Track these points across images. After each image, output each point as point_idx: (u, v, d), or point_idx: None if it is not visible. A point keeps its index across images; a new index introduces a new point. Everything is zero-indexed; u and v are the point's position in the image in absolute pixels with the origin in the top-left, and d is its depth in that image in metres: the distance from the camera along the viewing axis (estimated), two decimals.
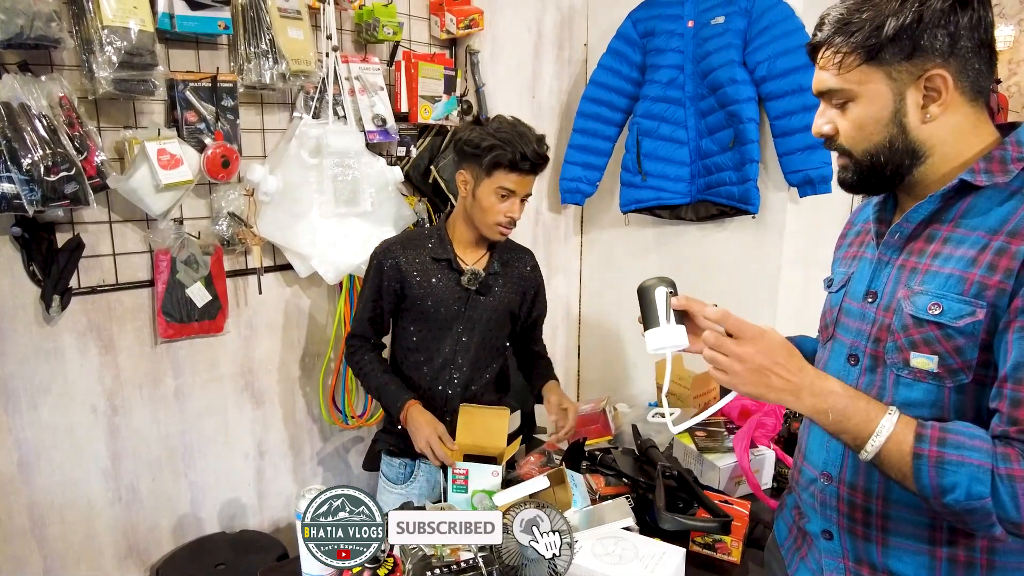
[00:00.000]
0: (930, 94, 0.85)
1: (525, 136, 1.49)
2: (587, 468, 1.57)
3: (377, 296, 1.62)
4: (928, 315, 0.84)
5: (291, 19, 1.67)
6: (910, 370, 0.87)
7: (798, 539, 1.07)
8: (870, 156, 0.90)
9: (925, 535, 0.89)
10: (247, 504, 2.06)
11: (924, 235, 0.89)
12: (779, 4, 1.97)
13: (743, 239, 2.19)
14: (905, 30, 0.83)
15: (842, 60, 0.87)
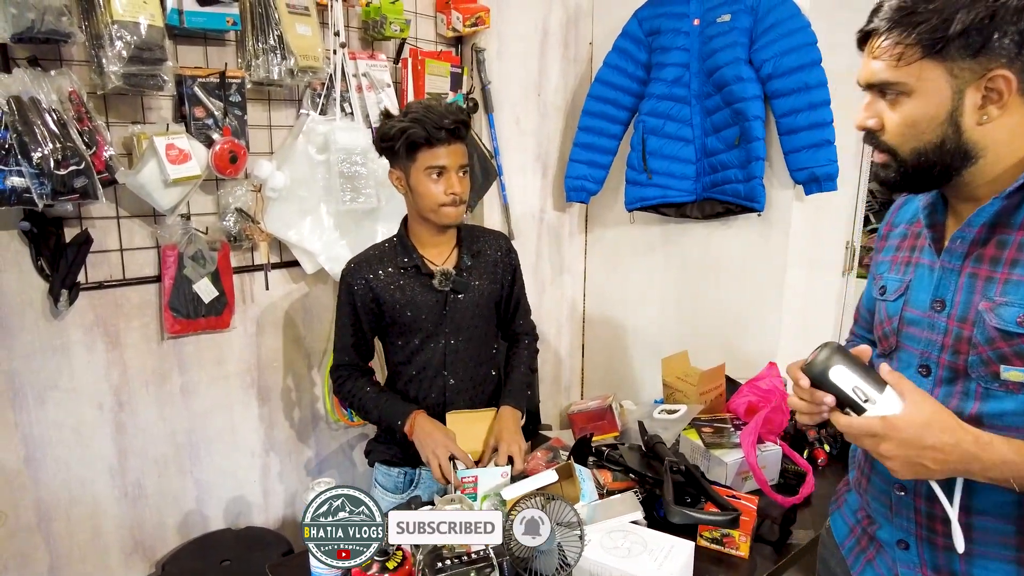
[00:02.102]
0: (990, 95, 0.81)
1: (433, 108, 1.42)
2: (594, 464, 1.56)
3: (354, 319, 1.56)
4: (1019, 328, 0.81)
5: (299, 15, 1.68)
6: (1001, 383, 0.84)
7: (862, 540, 1.06)
8: (919, 155, 0.86)
9: (1012, 542, 0.87)
10: (252, 501, 2.06)
11: (993, 241, 0.86)
12: (785, 2, 1.97)
13: (749, 237, 2.19)
14: (975, 26, 0.78)
15: (903, 52, 0.82)
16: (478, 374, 1.62)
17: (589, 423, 1.76)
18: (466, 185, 1.49)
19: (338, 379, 1.62)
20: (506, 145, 2.35)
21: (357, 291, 1.53)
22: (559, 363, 2.77)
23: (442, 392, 1.57)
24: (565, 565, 1.07)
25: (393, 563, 1.16)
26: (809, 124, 1.94)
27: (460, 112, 1.45)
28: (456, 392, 1.58)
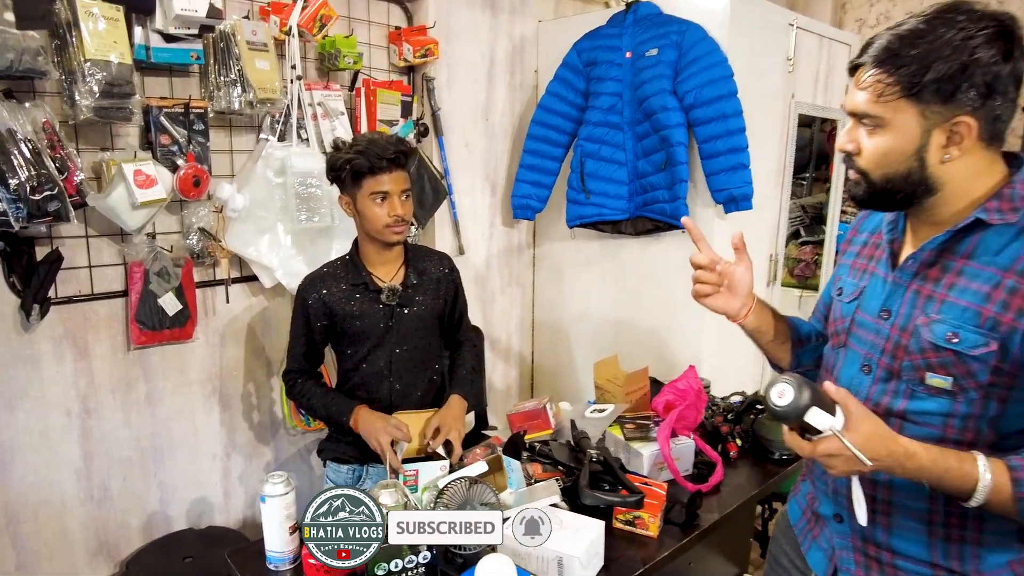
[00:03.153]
0: (953, 137, 0.90)
1: (376, 141, 1.58)
2: (527, 458, 1.73)
3: (307, 330, 1.70)
4: (946, 344, 0.92)
5: (258, 51, 1.83)
6: (925, 387, 0.95)
7: (811, 521, 1.20)
8: (887, 181, 0.95)
9: (924, 517, 0.99)
10: (214, 502, 2.18)
11: (938, 265, 0.96)
12: (705, 39, 2.18)
13: (676, 251, 2.40)
14: (948, 76, 0.87)
15: (884, 89, 0.91)
16: (422, 380, 1.78)
17: (525, 422, 1.92)
18: (408, 208, 1.65)
19: (290, 382, 1.76)
20: (456, 166, 2.53)
21: (311, 305, 1.68)
22: (509, 370, 2.94)
23: (388, 396, 1.73)
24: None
25: None
26: (727, 149, 2.16)
27: (401, 143, 1.62)
28: (401, 396, 1.74)
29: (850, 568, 1.09)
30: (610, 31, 2.36)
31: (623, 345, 2.47)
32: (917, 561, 1.02)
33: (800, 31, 2.53)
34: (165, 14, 1.71)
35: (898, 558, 1.03)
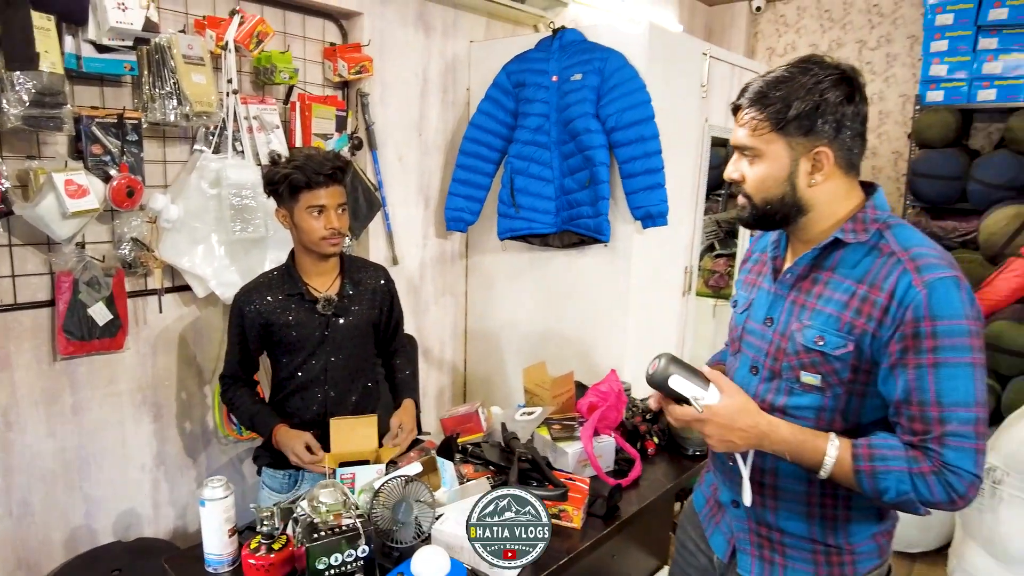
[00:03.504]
0: (816, 164, 1.07)
1: (313, 156, 1.65)
2: (459, 459, 1.82)
3: (242, 340, 1.76)
4: (815, 346, 1.08)
5: (195, 65, 1.86)
6: (800, 384, 1.11)
7: (714, 509, 1.33)
8: (766, 204, 1.11)
9: (804, 499, 1.15)
10: (143, 514, 2.15)
11: (809, 277, 1.12)
12: (626, 67, 2.35)
13: (600, 263, 2.55)
14: (805, 113, 1.04)
15: (756, 125, 1.08)
16: (356, 387, 1.84)
17: (458, 426, 2.02)
18: (344, 221, 1.71)
19: (224, 386, 1.84)
20: (389, 179, 2.60)
21: (247, 314, 1.73)
22: (443, 375, 3.02)
23: (323, 403, 1.79)
24: (421, 533, 1.33)
25: (278, 544, 1.36)
26: (644, 170, 2.33)
27: (337, 159, 1.69)
28: (336, 403, 1.80)
29: (746, 548, 1.23)
30: (538, 55, 2.50)
31: (551, 351, 2.60)
32: (800, 538, 1.17)
33: (713, 60, 2.75)
34: (99, 25, 1.71)
35: (785, 536, 1.19)
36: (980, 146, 3.77)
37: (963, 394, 0.99)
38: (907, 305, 1.00)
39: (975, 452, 0.99)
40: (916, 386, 1.00)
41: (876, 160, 4.17)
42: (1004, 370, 2.91)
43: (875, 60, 4.12)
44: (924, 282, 0.99)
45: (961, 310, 0.99)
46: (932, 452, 0.99)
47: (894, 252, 1.04)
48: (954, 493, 0.98)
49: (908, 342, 1.00)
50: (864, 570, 1.16)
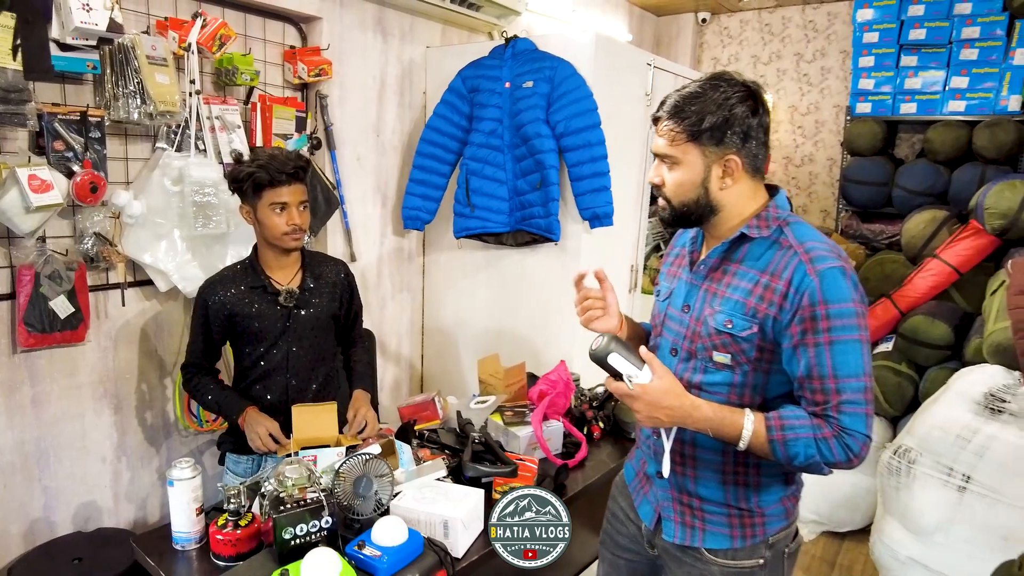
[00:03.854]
0: (726, 170, 1.20)
1: (276, 156, 1.72)
2: (416, 444, 1.93)
3: (206, 330, 1.83)
4: (724, 328, 1.21)
5: (158, 66, 1.91)
6: (713, 363, 1.24)
7: (642, 481, 1.45)
8: (684, 205, 1.23)
9: (719, 468, 1.27)
10: (103, 506, 2.18)
11: (720, 268, 1.25)
12: (574, 76, 2.49)
13: (551, 261, 2.68)
14: (716, 125, 1.16)
15: (674, 136, 1.20)
16: (317, 376, 1.92)
17: (415, 414, 2.12)
18: (306, 217, 1.80)
19: (187, 376, 1.88)
20: (347, 178, 2.68)
21: (211, 306, 1.80)
22: (400, 370, 3.11)
23: (285, 391, 1.87)
24: (380, 506, 1.43)
25: (245, 521, 1.45)
26: (591, 173, 2.47)
27: (299, 159, 1.77)
28: (297, 391, 1.88)
29: (670, 515, 1.37)
30: (491, 62, 2.62)
31: (504, 345, 2.72)
32: (716, 503, 1.31)
33: (657, 70, 2.92)
34: (63, 24, 1.76)
35: (704, 503, 1.32)
36: (904, 155, 4.05)
37: (854, 367, 1.13)
38: (803, 292, 1.14)
39: (865, 416, 1.13)
40: (816, 362, 1.13)
41: (813, 166, 4.43)
42: (921, 361, 3.16)
43: (811, 72, 4.37)
44: (816, 271, 1.13)
45: (848, 295, 1.13)
46: (832, 419, 1.13)
47: (792, 246, 1.18)
48: (851, 453, 1.13)
49: (806, 324, 1.14)
50: (773, 530, 1.30)
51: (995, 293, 2.81)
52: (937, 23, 3.52)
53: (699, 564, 1.32)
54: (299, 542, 1.33)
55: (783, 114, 4.48)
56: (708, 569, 1.31)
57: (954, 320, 3.09)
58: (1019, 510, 2.34)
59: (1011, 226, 2.89)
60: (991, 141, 3.41)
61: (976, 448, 2.51)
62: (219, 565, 1.42)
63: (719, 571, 1.31)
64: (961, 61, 3.51)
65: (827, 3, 4.23)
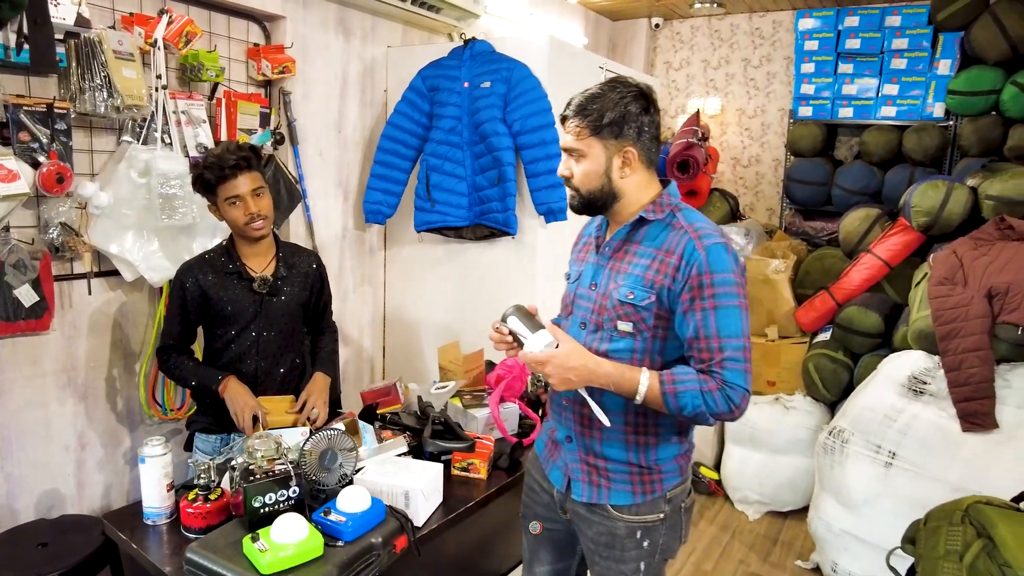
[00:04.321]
0: (625, 161, 1.36)
1: (219, 154, 1.79)
2: (379, 426, 2.02)
3: (183, 311, 1.89)
4: (627, 299, 1.36)
5: (125, 60, 1.96)
6: (618, 332, 1.38)
7: (551, 448, 1.59)
8: (590, 194, 1.39)
9: (622, 429, 1.41)
10: (66, 493, 2.21)
11: (623, 249, 1.41)
12: (529, 77, 2.61)
13: (508, 254, 2.80)
14: (615, 121, 1.33)
15: (579, 131, 1.35)
16: (285, 360, 2.00)
17: (378, 398, 2.21)
18: (263, 203, 1.84)
19: (163, 357, 1.93)
20: (310, 173, 2.75)
21: (188, 287, 1.87)
22: (362, 361, 3.19)
23: (254, 373, 1.94)
24: (344, 478, 1.52)
25: (215, 495, 1.52)
26: (546, 170, 2.59)
27: (240, 149, 1.81)
28: (266, 373, 1.95)
29: (578, 476, 1.50)
30: (451, 62, 2.72)
31: (464, 334, 2.82)
32: (620, 463, 1.45)
33: (608, 73, 3.06)
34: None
35: (609, 463, 1.46)
36: (843, 157, 4.30)
37: (735, 329, 1.30)
38: (692, 263, 1.31)
39: (745, 372, 1.29)
40: (702, 325, 1.30)
41: (760, 167, 4.65)
42: (855, 348, 3.37)
43: (758, 77, 4.59)
44: (704, 246, 1.31)
45: (729, 267, 1.31)
46: (715, 374, 1.29)
47: (683, 226, 1.35)
48: (732, 404, 1.28)
49: (695, 292, 1.30)
50: (670, 486, 1.46)
51: (919, 284, 3.03)
52: (870, 34, 3.76)
53: (606, 521, 1.46)
54: (268, 510, 1.41)
55: (731, 116, 4.69)
56: (615, 525, 1.45)
57: (885, 310, 3.31)
58: (936, 482, 2.55)
59: (934, 223, 3.11)
60: (919, 144, 3.66)
61: (901, 427, 2.72)
62: (189, 538, 1.49)
63: (624, 526, 1.45)
64: (892, 70, 3.76)
65: (772, 12, 4.45)
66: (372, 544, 1.41)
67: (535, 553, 1.67)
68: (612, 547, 1.46)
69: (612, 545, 1.46)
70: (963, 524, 1.72)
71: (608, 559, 1.48)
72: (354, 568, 1.35)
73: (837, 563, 2.84)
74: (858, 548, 2.76)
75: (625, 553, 1.46)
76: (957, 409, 2.61)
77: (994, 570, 1.57)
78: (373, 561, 1.39)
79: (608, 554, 1.47)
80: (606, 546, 1.47)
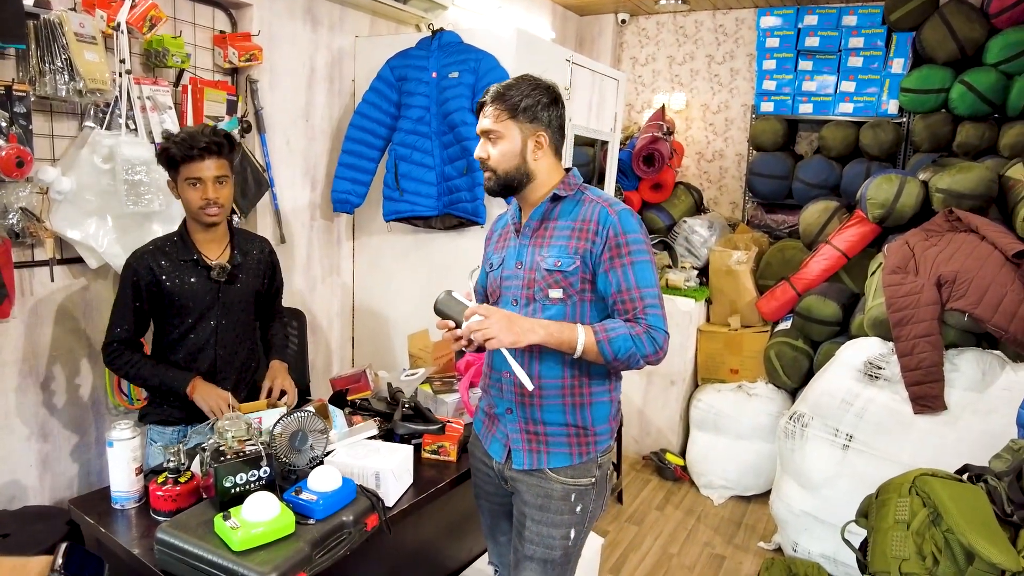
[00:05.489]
0: (538, 144, 1.52)
1: (193, 132, 1.77)
2: (349, 412, 2.03)
3: (137, 300, 1.83)
4: (554, 267, 1.50)
5: (87, 43, 1.93)
6: (549, 299, 1.51)
7: (487, 423, 1.67)
8: (507, 174, 1.52)
9: (559, 393, 1.53)
10: (28, 484, 2.17)
11: (542, 227, 1.55)
12: (497, 68, 2.63)
13: (477, 244, 2.80)
14: (529, 107, 1.50)
15: (498, 115, 1.50)
16: (242, 349, 1.99)
17: (347, 384, 2.22)
18: (223, 192, 1.83)
19: (112, 353, 1.87)
20: (277, 161, 2.74)
21: (141, 275, 1.83)
22: (331, 351, 3.18)
23: (212, 362, 1.92)
24: (314, 459, 1.54)
25: (184, 478, 1.52)
26: None
27: (215, 134, 1.81)
28: (224, 362, 1.94)
29: (519, 445, 1.58)
30: (419, 53, 2.74)
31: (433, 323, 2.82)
32: (559, 426, 1.55)
33: (575, 66, 3.10)
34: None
35: (548, 427, 1.56)
36: (804, 151, 4.42)
37: (650, 280, 1.47)
38: (608, 226, 1.47)
39: (662, 317, 1.46)
40: (622, 278, 1.46)
41: (723, 161, 4.75)
42: (815, 336, 3.48)
43: (722, 73, 4.69)
44: (615, 212, 1.48)
45: (638, 228, 1.49)
46: (640, 320, 1.45)
47: (593, 200, 1.52)
48: (656, 345, 1.44)
49: (613, 251, 1.46)
50: (602, 449, 1.59)
51: (874, 274, 3.15)
52: (828, 32, 3.87)
53: (543, 483, 1.56)
54: (239, 490, 1.42)
55: (696, 112, 4.78)
56: (551, 487, 1.55)
57: (843, 299, 3.43)
58: (890, 462, 2.65)
59: (888, 215, 3.23)
60: (874, 140, 3.79)
61: (857, 410, 2.82)
62: (159, 520, 1.49)
63: (560, 488, 1.55)
64: (849, 67, 3.88)
65: (735, 9, 4.55)
66: (343, 522, 1.43)
67: (495, 526, 1.76)
68: (546, 509, 1.55)
69: (546, 508, 1.55)
70: (910, 495, 1.80)
71: (540, 523, 1.56)
72: (326, 545, 1.37)
73: (798, 543, 2.93)
74: (817, 528, 2.86)
75: (559, 517, 1.56)
76: (909, 392, 2.72)
77: (938, 536, 1.65)
78: (345, 538, 1.41)
79: (541, 517, 1.56)
80: (540, 508, 1.56)
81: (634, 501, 3.47)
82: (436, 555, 2.06)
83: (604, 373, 1.56)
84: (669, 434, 3.90)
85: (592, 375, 1.54)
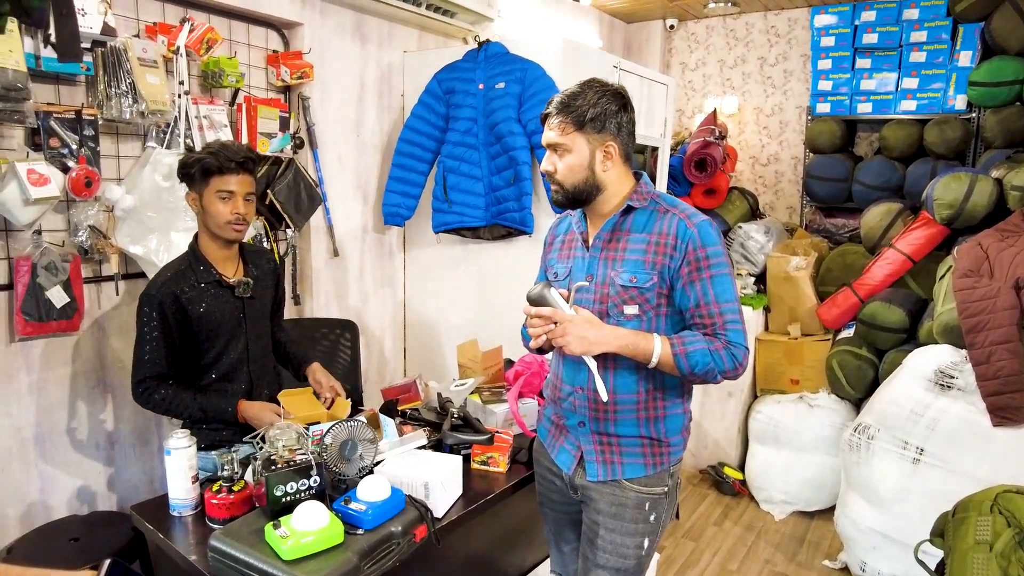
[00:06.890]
0: (607, 155, 1.46)
1: (227, 145, 1.75)
2: (400, 422, 2.04)
3: (166, 331, 1.74)
4: (630, 283, 1.45)
5: (149, 67, 2.02)
6: (624, 315, 1.47)
7: (554, 433, 1.65)
8: (575, 187, 1.47)
9: (634, 408, 1.50)
10: (97, 491, 2.26)
11: (613, 239, 1.49)
12: (544, 77, 2.63)
13: (525, 253, 2.81)
14: (597, 117, 1.43)
15: (564, 127, 1.44)
16: (268, 364, 1.99)
17: (398, 395, 2.23)
18: (250, 209, 1.80)
19: (144, 392, 1.77)
20: (329, 176, 2.80)
21: (166, 307, 1.74)
22: (384, 361, 3.22)
23: (248, 381, 1.90)
24: (364, 468, 1.54)
25: (238, 487, 1.55)
26: None
27: (250, 151, 1.80)
28: (258, 377, 1.92)
29: (592, 457, 1.56)
30: (465, 65, 2.76)
31: (483, 333, 2.83)
32: (632, 438, 1.52)
33: (623, 72, 3.07)
34: None
35: (622, 440, 1.53)
36: (863, 152, 4.25)
37: (730, 295, 1.43)
38: (686, 240, 1.42)
39: (743, 332, 1.42)
40: (702, 293, 1.42)
41: (779, 165, 4.61)
42: (880, 344, 3.32)
43: (775, 75, 4.57)
44: (694, 224, 1.43)
45: (718, 241, 1.44)
46: (720, 335, 1.41)
47: (668, 210, 1.47)
48: (736, 361, 1.40)
49: (692, 266, 1.42)
50: (675, 459, 1.56)
51: (943, 278, 2.99)
52: (888, 28, 3.72)
53: (617, 491, 1.53)
54: (290, 499, 1.43)
55: (749, 115, 4.67)
56: (625, 495, 1.53)
57: (909, 305, 3.26)
58: (966, 477, 2.50)
59: (957, 215, 3.07)
60: (940, 138, 3.61)
61: (928, 422, 2.67)
62: (214, 528, 1.52)
63: (635, 496, 1.53)
64: (911, 63, 3.72)
65: (787, 9, 4.43)
66: (392, 532, 1.42)
67: (560, 534, 1.74)
68: (621, 518, 1.52)
69: (621, 516, 1.52)
70: (992, 513, 1.68)
71: (614, 531, 1.53)
72: (374, 556, 1.37)
73: (866, 562, 2.79)
74: (887, 547, 2.71)
75: (633, 525, 1.52)
76: (987, 403, 2.56)
77: None
78: (393, 549, 1.41)
79: (615, 526, 1.53)
80: (614, 517, 1.53)
81: (691, 516, 3.37)
82: (487, 567, 2.04)
83: (678, 386, 1.53)
84: (727, 447, 3.78)
85: (666, 388, 1.51)
